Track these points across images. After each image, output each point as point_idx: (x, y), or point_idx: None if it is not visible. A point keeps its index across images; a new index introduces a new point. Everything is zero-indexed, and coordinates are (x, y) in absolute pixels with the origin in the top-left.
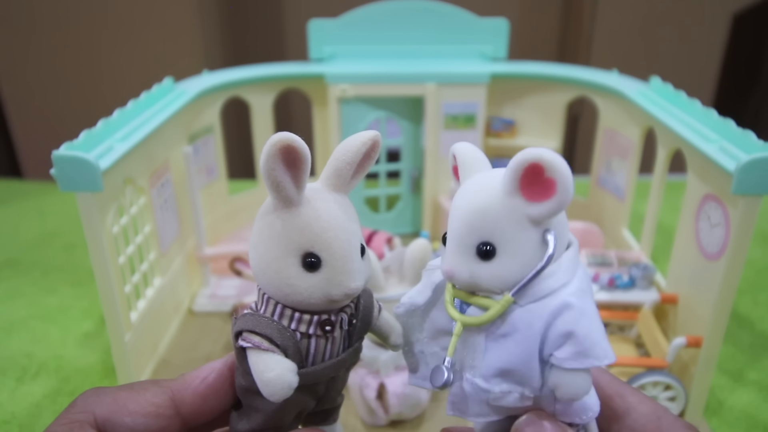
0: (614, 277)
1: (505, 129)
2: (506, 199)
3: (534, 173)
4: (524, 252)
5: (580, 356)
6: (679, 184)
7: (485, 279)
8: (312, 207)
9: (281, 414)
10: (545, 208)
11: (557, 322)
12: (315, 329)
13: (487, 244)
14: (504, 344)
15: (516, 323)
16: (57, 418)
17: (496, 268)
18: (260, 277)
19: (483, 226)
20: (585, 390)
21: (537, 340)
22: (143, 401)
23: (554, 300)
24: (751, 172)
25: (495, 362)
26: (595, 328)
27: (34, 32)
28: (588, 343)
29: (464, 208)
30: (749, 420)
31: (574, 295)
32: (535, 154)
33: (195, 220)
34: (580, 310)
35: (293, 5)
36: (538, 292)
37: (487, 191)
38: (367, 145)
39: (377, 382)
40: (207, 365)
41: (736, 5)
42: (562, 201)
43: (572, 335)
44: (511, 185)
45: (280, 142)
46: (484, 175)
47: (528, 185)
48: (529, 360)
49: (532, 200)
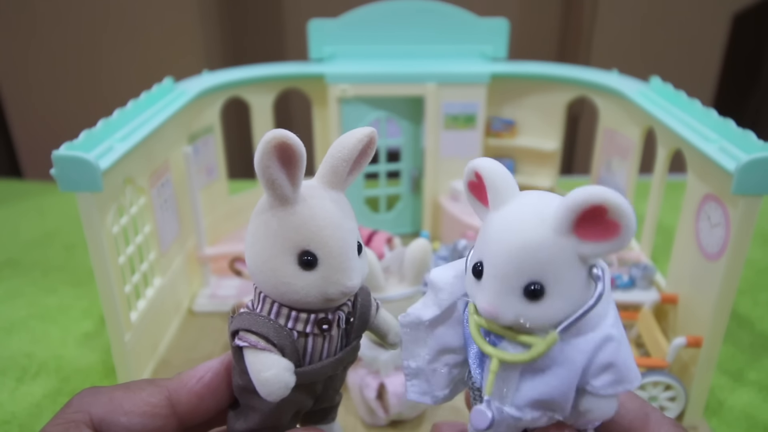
0: (614, 277)
1: (505, 129)
2: (558, 238)
3: (595, 214)
4: (573, 290)
5: (616, 383)
6: (679, 184)
7: (533, 320)
8: (308, 205)
9: (279, 413)
10: (602, 248)
11: (600, 355)
12: (312, 328)
13: (537, 284)
14: (542, 378)
15: (557, 357)
16: (53, 418)
17: (544, 308)
18: (256, 276)
19: (533, 266)
20: (613, 410)
21: (578, 373)
22: (139, 401)
23: (597, 334)
24: (751, 172)
25: (530, 394)
26: (630, 355)
27: (34, 32)
28: (625, 371)
29: (510, 244)
30: (749, 420)
31: (614, 327)
32: (599, 196)
33: (195, 220)
34: (619, 341)
35: (293, 5)
36: (581, 328)
37: (536, 227)
38: (363, 141)
39: (377, 382)
40: (203, 364)
41: (736, 5)
42: (623, 244)
43: (613, 366)
44: (566, 225)
45: (274, 140)
46: (528, 205)
47: (585, 225)
48: (567, 391)
49: (587, 239)
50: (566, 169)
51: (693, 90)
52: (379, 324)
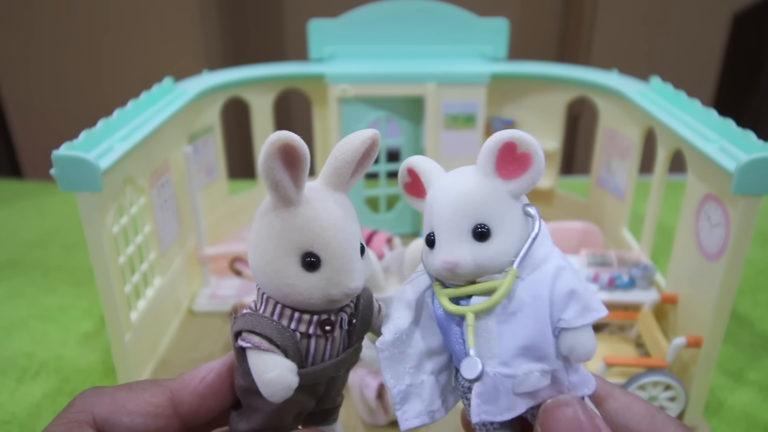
0: (614, 277)
1: (505, 129)
2: (487, 181)
3: (508, 152)
4: (515, 226)
5: (585, 311)
6: (679, 184)
7: (489, 258)
8: (311, 206)
9: (281, 414)
10: (523, 181)
11: (558, 284)
12: (315, 329)
13: (483, 225)
14: (516, 322)
15: (523, 297)
16: (55, 417)
17: (496, 245)
18: (259, 277)
19: (474, 210)
20: (594, 346)
21: (546, 307)
22: (142, 401)
23: (550, 265)
24: (751, 172)
25: (512, 342)
26: (586, 283)
27: (34, 32)
28: (587, 296)
29: (449, 198)
30: (749, 420)
31: (562, 258)
32: (506, 134)
33: (195, 220)
34: (572, 270)
35: (293, 5)
36: (534, 261)
37: (466, 179)
38: (366, 143)
39: (377, 382)
40: (206, 365)
41: (736, 5)
42: (537, 172)
43: (574, 293)
44: (489, 167)
45: (278, 141)
46: (454, 171)
47: (503, 164)
48: (544, 328)
49: (509, 177)
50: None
51: (693, 90)
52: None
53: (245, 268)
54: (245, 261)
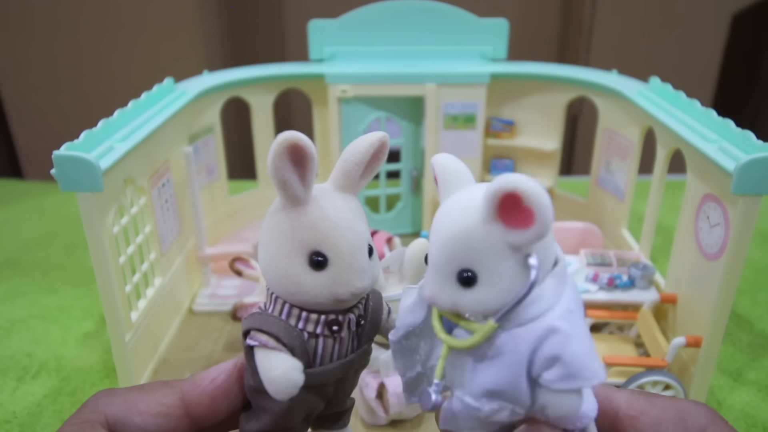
0: (614, 277)
1: (505, 129)
2: (485, 226)
3: (511, 202)
4: (505, 279)
5: (568, 378)
6: (678, 184)
7: (467, 306)
8: (319, 206)
9: (289, 415)
10: (524, 236)
11: (543, 347)
12: (322, 329)
13: (468, 271)
14: (491, 366)
15: (502, 347)
16: (69, 418)
17: (477, 295)
18: (268, 276)
19: (462, 255)
20: (575, 409)
21: (524, 364)
22: (153, 401)
23: (540, 325)
24: (750, 172)
25: (482, 383)
26: (582, 349)
27: (34, 33)
28: (575, 365)
29: (443, 233)
30: (748, 420)
31: (561, 319)
32: (511, 183)
33: (195, 220)
34: (567, 334)
35: (293, 5)
36: (522, 318)
37: (465, 216)
38: (375, 146)
39: (377, 381)
40: (217, 366)
41: (735, 5)
42: (541, 231)
43: (559, 359)
44: (489, 213)
45: (286, 141)
46: (463, 197)
47: (506, 213)
48: (517, 382)
49: (511, 227)
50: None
51: (692, 90)
52: (390, 328)
53: (245, 267)
54: (246, 261)
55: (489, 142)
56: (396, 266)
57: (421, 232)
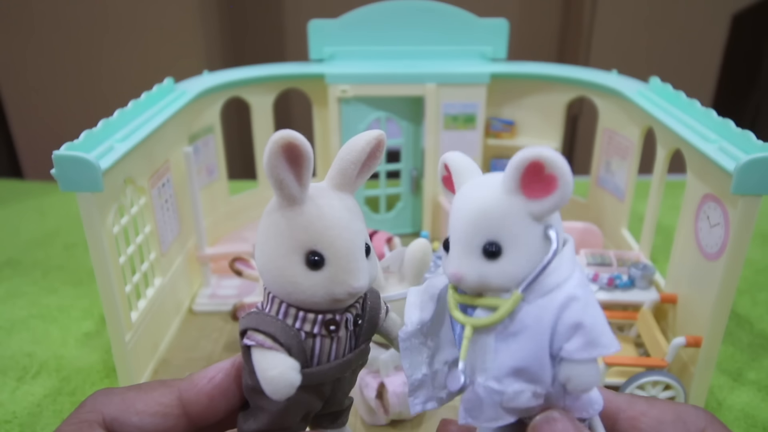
0: (613, 277)
1: (505, 129)
2: (508, 198)
3: (535, 171)
4: (529, 248)
5: (589, 346)
6: (678, 184)
7: (494, 278)
8: (315, 205)
9: (287, 414)
10: (547, 204)
11: (565, 314)
12: (320, 329)
13: (493, 244)
14: (514, 342)
15: (525, 320)
16: (67, 418)
17: (503, 266)
18: (265, 276)
19: (488, 226)
20: (595, 380)
21: (547, 335)
22: (151, 401)
23: (560, 293)
24: (750, 172)
25: (507, 361)
26: (600, 318)
27: (34, 32)
28: (595, 332)
29: (466, 209)
30: (748, 419)
31: (579, 287)
32: (535, 153)
33: (195, 220)
34: (586, 301)
35: (293, 5)
36: (544, 287)
37: (488, 192)
38: (371, 144)
39: (377, 381)
40: (215, 365)
41: (735, 5)
42: (564, 196)
43: (581, 326)
44: (513, 184)
45: (282, 140)
46: (482, 178)
47: (529, 183)
48: (541, 355)
49: (533, 197)
50: None
51: (692, 90)
52: (388, 327)
53: (246, 267)
54: (246, 261)
55: (489, 142)
56: (396, 266)
57: (421, 232)
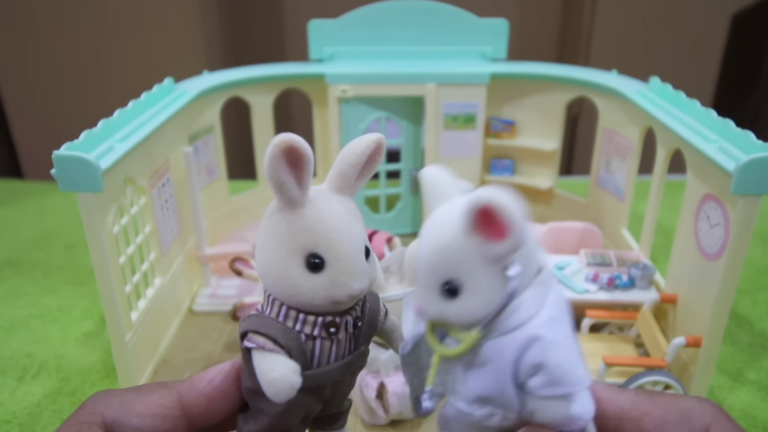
0: (613, 277)
1: (505, 129)
2: (465, 239)
3: (487, 215)
4: (487, 289)
5: (552, 385)
6: (678, 184)
7: (453, 316)
8: (316, 208)
9: (287, 416)
10: (500, 248)
11: (526, 355)
12: (320, 331)
13: (450, 283)
14: (479, 373)
15: (488, 354)
16: (66, 419)
17: (461, 305)
18: (265, 278)
19: (446, 267)
20: (563, 414)
21: (509, 371)
22: (150, 402)
23: (522, 333)
24: (750, 172)
25: (472, 390)
26: (565, 357)
27: (34, 32)
28: (559, 372)
29: (426, 246)
30: (748, 419)
31: (543, 326)
32: (485, 198)
33: (195, 220)
34: (550, 342)
35: (293, 5)
36: (505, 327)
37: (447, 230)
38: (371, 147)
39: (377, 381)
40: (214, 367)
41: (735, 5)
42: (515, 242)
43: (542, 366)
44: (468, 226)
45: (283, 143)
46: (444, 211)
47: (484, 225)
48: (503, 389)
49: (490, 239)
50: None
51: (692, 90)
52: (388, 329)
53: (245, 267)
54: (246, 261)
55: (489, 142)
56: (396, 266)
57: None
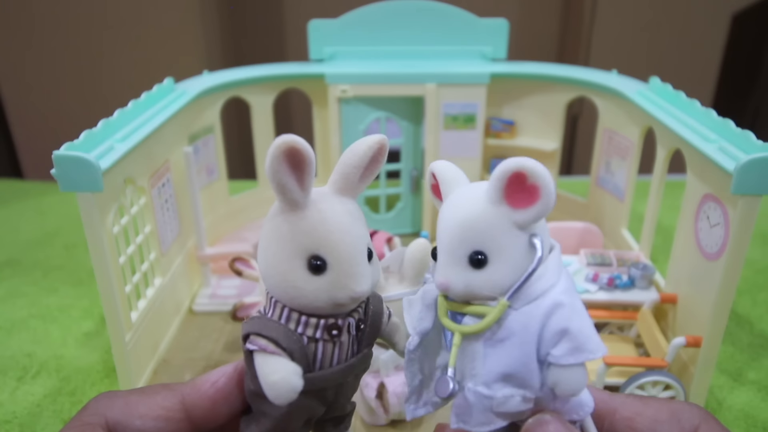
0: (613, 277)
1: (505, 129)
2: (493, 208)
3: (517, 181)
4: (514, 257)
5: (575, 351)
6: (678, 184)
7: (480, 287)
8: (318, 209)
9: (289, 419)
10: (530, 213)
11: (551, 321)
12: (322, 333)
13: (480, 253)
14: (502, 348)
15: (512, 327)
16: (69, 421)
17: (489, 275)
18: (267, 280)
19: (473, 236)
20: (583, 384)
21: (534, 341)
22: (153, 404)
23: (546, 300)
24: (750, 172)
25: (495, 367)
26: (586, 323)
27: (34, 32)
28: (582, 338)
29: (453, 220)
30: (748, 419)
31: (564, 294)
32: (517, 163)
33: (195, 220)
34: (572, 308)
35: (293, 5)
36: (530, 295)
37: (473, 202)
38: (373, 148)
39: (377, 381)
40: (218, 369)
41: (735, 5)
42: (546, 205)
43: (567, 332)
44: (496, 194)
45: (284, 144)
46: (467, 188)
47: (512, 193)
48: (528, 361)
49: (517, 207)
50: (566, 169)
51: (692, 90)
52: (391, 332)
53: (246, 267)
54: (246, 261)
55: (489, 142)
56: (396, 266)
57: (421, 232)
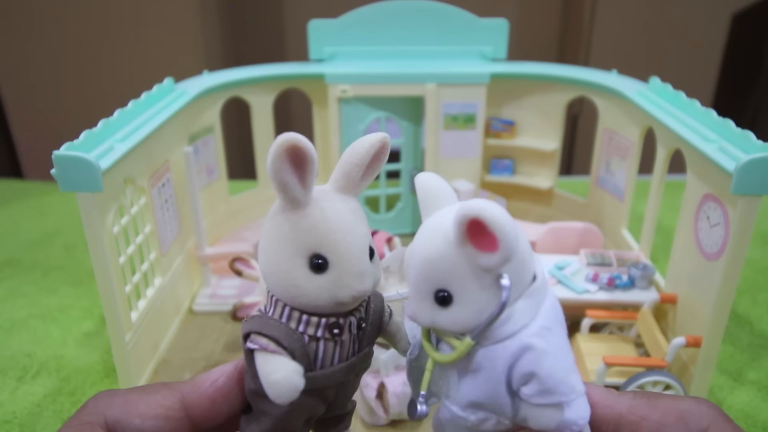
0: (614, 277)
1: (505, 129)
2: (456, 249)
3: (477, 227)
4: (479, 298)
5: (545, 394)
6: (678, 184)
7: (446, 324)
8: (319, 208)
9: (290, 418)
10: (492, 260)
11: (519, 364)
12: (323, 332)
13: (443, 291)
14: (473, 379)
15: (481, 362)
16: (69, 419)
17: (453, 314)
18: (268, 279)
19: (438, 276)
20: (556, 421)
21: (502, 378)
22: (153, 403)
23: (514, 342)
24: (750, 172)
25: (466, 395)
26: (558, 366)
27: (34, 32)
28: (551, 381)
29: (418, 255)
30: (748, 419)
31: (536, 336)
32: (475, 210)
33: (195, 220)
34: (542, 351)
35: (293, 5)
36: (497, 336)
37: (439, 240)
38: (375, 147)
39: (377, 381)
40: (217, 368)
41: (735, 5)
42: (506, 255)
43: (534, 375)
44: (459, 237)
45: (286, 143)
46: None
47: (474, 236)
48: (496, 395)
49: (482, 249)
50: (566, 169)
51: (692, 90)
52: (392, 330)
53: (246, 267)
54: (246, 261)
55: (489, 142)
56: (396, 266)
57: None
